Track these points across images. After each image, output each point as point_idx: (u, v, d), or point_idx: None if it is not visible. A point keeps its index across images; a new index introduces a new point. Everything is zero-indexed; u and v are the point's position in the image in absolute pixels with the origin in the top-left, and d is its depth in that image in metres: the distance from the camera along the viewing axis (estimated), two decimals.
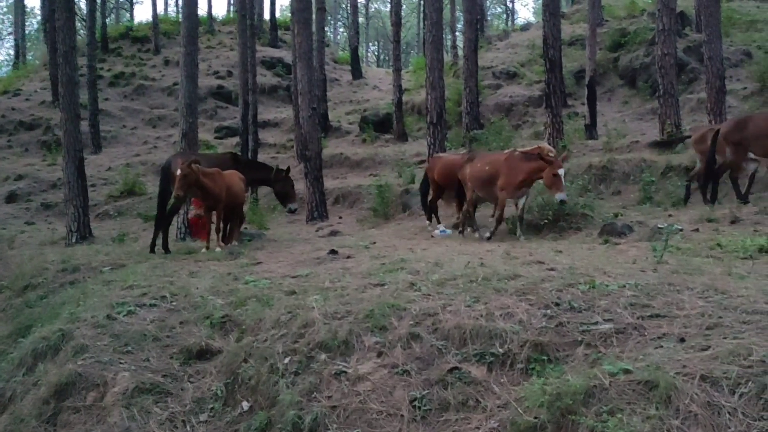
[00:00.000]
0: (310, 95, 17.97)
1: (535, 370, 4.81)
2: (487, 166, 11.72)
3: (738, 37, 25.56)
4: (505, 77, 29.63)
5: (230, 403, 5.56)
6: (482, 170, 11.81)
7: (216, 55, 40.20)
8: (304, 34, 18.28)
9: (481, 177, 11.84)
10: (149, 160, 27.00)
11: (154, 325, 6.76)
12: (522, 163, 11.11)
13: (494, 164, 11.59)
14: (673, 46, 17.32)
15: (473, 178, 12.05)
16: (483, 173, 11.77)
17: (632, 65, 25.99)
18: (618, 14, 30.96)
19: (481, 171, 11.83)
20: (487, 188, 11.82)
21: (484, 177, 11.75)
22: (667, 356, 4.30)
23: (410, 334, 5.44)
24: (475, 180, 11.99)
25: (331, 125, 30.04)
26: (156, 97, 35.44)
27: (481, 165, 11.89)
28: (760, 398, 3.66)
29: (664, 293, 5.58)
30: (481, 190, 12.05)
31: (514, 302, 5.69)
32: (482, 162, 11.96)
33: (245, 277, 8.30)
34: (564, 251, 8.79)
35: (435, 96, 19.21)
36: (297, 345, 5.69)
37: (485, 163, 11.86)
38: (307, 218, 17.66)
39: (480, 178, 11.86)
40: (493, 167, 11.55)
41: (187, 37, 15.59)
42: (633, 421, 3.73)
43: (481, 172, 11.84)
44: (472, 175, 12.06)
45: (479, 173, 11.88)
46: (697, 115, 20.22)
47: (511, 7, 71.28)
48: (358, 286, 6.88)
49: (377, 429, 4.66)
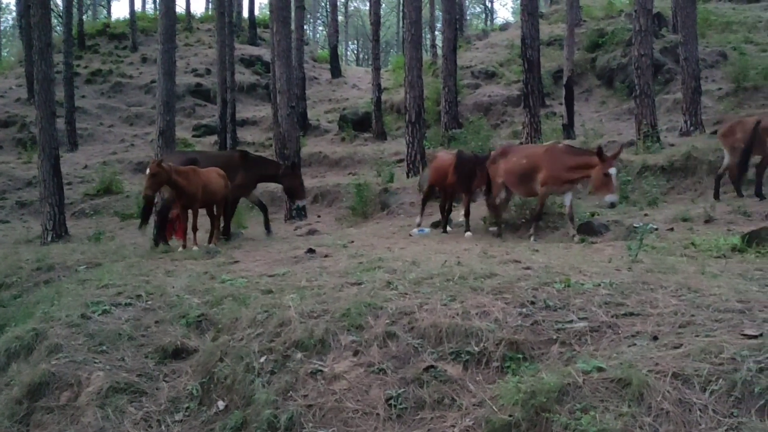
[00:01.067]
0: (288, 93, 17.92)
1: (511, 368, 4.83)
2: (524, 160, 11.07)
3: (713, 39, 25.84)
4: (484, 77, 29.73)
5: (206, 403, 5.54)
6: (518, 164, 11.14)
7: (194, 52, 39.92)
8: (283, 32, 18.22)
9: (517, 171, 11.14)
10: (126, 158, 26.76)
11: (130, 325, 6.71)
12: (566, 155, 10.60)
13: (533, 157, 10.99)
14: (649, 46, 17.47)
15: (508, 173, 11.34)
16: (519, 167, 11.09)
17: (609, 65, 26.19)
18: (596, 15, 31.16)
19: (518, 165, 11.15)
20: (524, 184, 11.17)
21: (520, 171, 11.08)
22: (640, 354, 4.34)
23: (386, 332, 5.45)
24: (510, 175, 11.28)
25: (310, 124, 29.97)
26: (133, 94, 35.12)
27: (518, 159, 11.22)
28: (730, 395, 3.71)
29: (639, 292, 5.63)
30: (517, 186, 11.38)
31: (490, 301, 5.71)
32: (518, 156, 11.32)
33: (222, 275, 8.26)
34: (540, 250, 8.85)
35: (414, 95, 19.24)
36: (273, 344, 5.68)
37: (522, 156, 11.23)
38: (286, 217, 17.62)
39: (516, 172, 11.17)
40: (532, 161, 10.94)
41: (164, 35, 15.46)
42: (606, 419, 3.76)
43: (517, 167, 11.14)
44: (507, 170, 11.35)
45: (515, 167, 11.18)
46: (673, 115, 20.43)
47: (490, 7, 71.67)
48: (335, 285, 6.87)
49: (353, 428, 4.66)
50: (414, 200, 16.51)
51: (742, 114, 16.80)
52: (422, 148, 19.26)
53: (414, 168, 18.96)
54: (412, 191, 16.91)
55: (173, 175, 10.80)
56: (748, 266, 6.91)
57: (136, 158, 26.51)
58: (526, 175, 11.01)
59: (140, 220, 12.73)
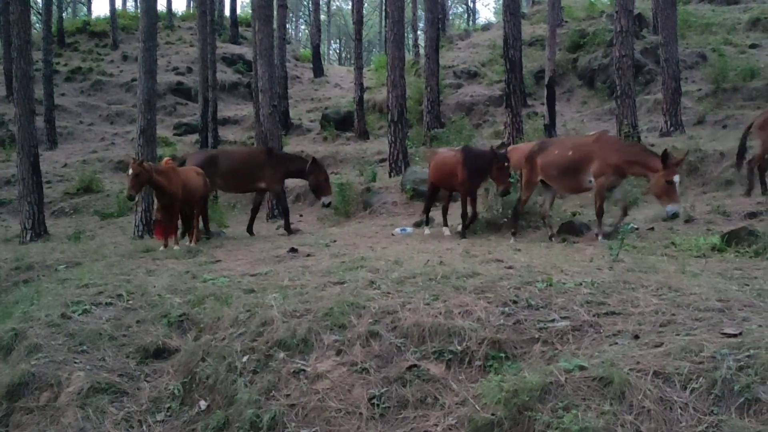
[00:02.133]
0: (270, 92, 17.87)
1: (493, 367, 4.84)
2: (570, 152, 10.28)
3: (693, 40, 26.07)
4: (466, 77, 29.79)
5: (188, 403, 5.51)
6: (563, 157, 10.32)
7: (176, 50, 39.70)
8: (265, 31, 18.17)
9: (562, 165, 10.32)
10: (106, 157, 26.56)
11: (110, 324, 6.67)
12: (621, 145, 10.06)
13: (581, 148, 10.24)
14: (630, 47, 17.58)
15: (550, 168, 10.50)
16: (565, 160, 10.27)
17: (591, 66, 26.34)
18: (577, 15, 31.33)
19: (563, 158, 10.32)
20: (570, 177, 10.32)
21: (566, 164, 10.26)
22: (621, 353, 4.37)
23: (369, 332, 5.45)
24: (554, 169, 10.44)
25: (292, 123, 29.89)
26: (114, 92, 34.85)
27: (561, 151, 10.42)
28: (710, 393, 3.74)
29: (620, 291, 5.67)
30: (560, 181, 10.54)
31: (472, 300, 5.72)
32: (561, 148, 10.54)
33: (203, 275, 8.22)
34: (522, 249, 8.89)
35: (396, 94, 19.24)
36: (255, 343, 5.66)
37: (567, 148, 10.45)
38: (268, 216, 17.56)
39: (561, 166, 10.34)
40: (581, 151, 10.17)
41: (145, 33, 15.36)
42: (588, 417, 3.78)
43: (562, 160, 10.31)
44: (550, 164, 10.48)
45: (559, 161, 10.35)
46: (653, 115, 20.57)
47: (472, 7, 71.76)
48: (317, 285, 6.86)
49: (336, 427, 4.65)
50: (397, 200, 16.51)
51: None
52: (404, 148, 19.26)
53: (396, 167, 18.95)
54: (395, 191, 16.91)
55: (154, 175, 10.74)
56: (727, 265, 6.99)
57: (117, 157, 26.31)
58: (573, 168, 10.20)
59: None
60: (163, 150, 24.45)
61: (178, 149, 26.43)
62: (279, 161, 13.57)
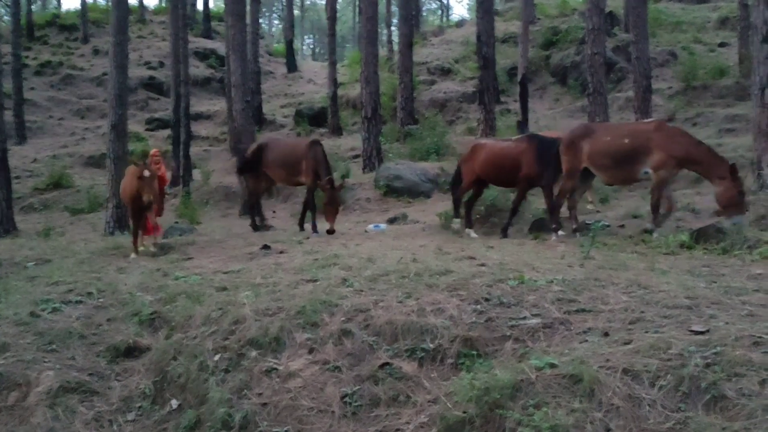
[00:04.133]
0: (243, 88, 17.75)
1: (465, 364, 4.87)
2: (626, 139, 9.50)
3: (664, 38, 26.38)
4: (440, 73, 29.87)
5: (159, 402, 5.48)
6: (617, 145, 9.55)
7: (147, 45, 39.27)
8: (238, 26, 18.04)
9: (614, 153, 9.55)
10: (77, 152, 26.25)
11: (80, 323, 6.59)
12: (687, 139, 9.35)
13: (639, 136, 9.48)
14: (602, 45, 17.72)
15: (602, 155, 9.69)
16: (618, 148, 9.51)
17: (563, 63, 26.55)
18: (550, 13, 31.53)
19: (616, 146, 9.56)
20: (623, 168, 9.59)
21: (620, 153, 9.49)
22: (591, 350, 4.41)
23: (342, 330, 5.45)
24: (604, 157, 9.68)
25: (266, 118, 29.76)
26: (84, 87, 34.41)
27: (614, 138, 9.62)
28: (677, 390, 3.79)
29: (590, 288, 5.72)
30: (611, 171, 9.80)
31: (445, 298, 5.74)
32: (614, 134, 9.74)
33: (175, 273, 8.17)
34: (495, 247, 8.93)
35: (370, 90, 19.25)
36: (227, 342, 5.64)
37: (621, 135, 9.65)
38: (241, 212, 17.47)
39: (612, 154, 9.57)
40: (639, 140, 9.42)
41: (116, 26, 15.20)
42: (558, 415, 3.82)
43: (616, 147, 9.54)
44: (601, 152, 9.69)
45: (611, 149, 9.58)
46: (625, 113, 20.79)
47: (446, 4, 71.91)
48: (290, 282, 6.84)
49: (308, 425, 4.65)
50: (370, 196, 16.53)
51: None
52: (378, 144, 19.28)
53: (370, 164, 18.95)
54: (369, 187, 16.92)
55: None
56: (696, 263, 7.08)
57: (87, 152, 26.03)
58: (629, 158, 9.45)
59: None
60: (135, 145, 24.23)
61: (149, 144, 26.19)
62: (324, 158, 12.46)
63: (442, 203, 14.85)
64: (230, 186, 19.59)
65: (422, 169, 17.92)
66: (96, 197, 19.34)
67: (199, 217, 16.11)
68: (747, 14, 19.39)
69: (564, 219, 10.52)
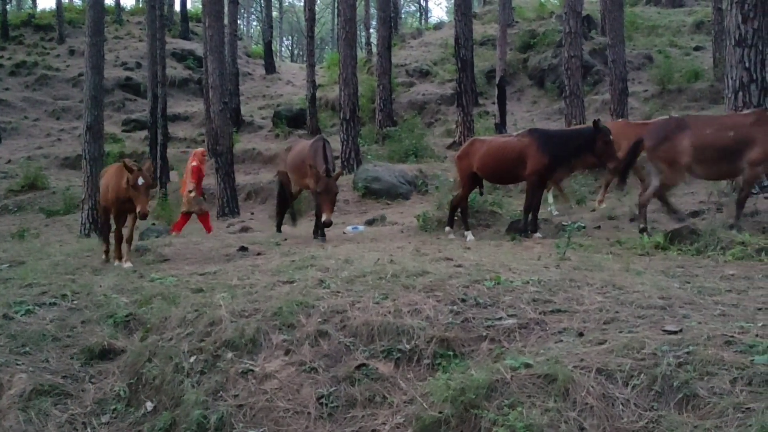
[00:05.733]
0: (221, 89, 17.70)
1: (441, 365, 4.87)
2: (731, 132, 8.85)
3: (640, 42, 26.64)
4: (418, 75, 29.96)
5: (133, 404, 5.43)
6: (721, 138, 8.90)
7: (124, 45, 39.01)
8: (216, 27, 17.99)
9: (718, 146, 8.89)
10: (52, 153, 26.01)
11: (54, 325, 6.52)
12: None
13: (741, 129, 8.87)
14: (579, 48, 17.88)
15: (707, 149, 8.98)
16: (722, 141, 8.86)
17: (541, 66, 26.73)
18: (528, 16, 31.74)
19: (720, 139, 8.91)
20: (726, 163, 8.96)
21: (726, 147, 8.86)
22: (566, 350, 4.44)
23: (318, 331, 5.43)
24: (711, 151, 8.97)
25: (244, 120, 29.69)
26: (60, 87, 34.12)
27: (717, 131, 8.98)
28: (651, 389, 3.82)
29: (566, 289, 5.75)
30: (713, 166, 9.12)
31: (422, 299, 5.74)
32: (715, 127, 9.08)
33: (151, 274, 8.11)
34: (472, 248, 8.96)
35: (348, 92, 19.27)
36: (203, 344, 5.60)
37: (723, 128, 9.01)
38: (218, 214, 17.41)
39: (719, 148, 8.90)
40: (741, 133, 8.82)
41: (92, 27, 15.08)
42: (532, 414, 3.83)
43: (720, 141, 8.89)
44: (700, 146, 9.00)
45: (715, 142, 8.91)
46: (601, 115, 20.87)
47: (424, 6, 72.04)
48: (266, 284, 6.81)
49: (284, 427, 4.63)
50: (348, 198, 16.53)
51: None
52: (357, 146, 19.29)
53: (348, 165, 18.96)
54: (347, 189, 16.92)
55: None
56: (670, 263, 7.14)
57: (63, 153, 25.81)
58: (734, 152, 8.86)
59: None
60: (111, 146, 24.03)
61: (126, 146, 26.02)
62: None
63: (420, 205, 14.90)
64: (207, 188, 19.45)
65: (401, 171, 17.97)
66: (71, 199, 19.18)
67: (177, 219, 15.99)
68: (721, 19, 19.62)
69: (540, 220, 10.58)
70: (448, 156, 20.46)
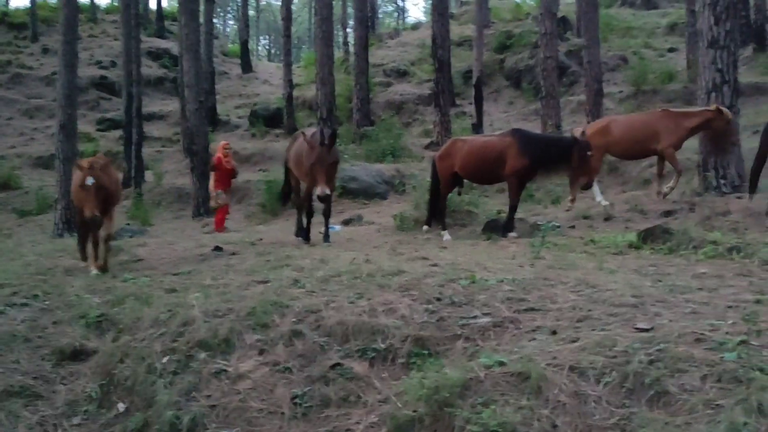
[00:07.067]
0: (197, 88, 17.59)
1: (416, 364, 4.86)
2: None
3: (615, 43, 26.87)
4: (396, 75, 29.99)
5: (105, 405, 5.35)
6: None
7: (99, 44, 38.63)
8: (192, 26, 17.87)
9: None
10: (25, 153, 25.72)
11: (25, 326, 6.42)
12: None
13: None
14: (555, 49, 18.01)
15: None
16: None
17: (517, 67, 26.87)
18: (504, 17, 31.89)
19: None
20: None
21: None
22: (539, 348, 4.45)
23: (292, 331, 5.40)
24: None
25: (220, 119, 29.51)
26: (34, 86, 33.71)
27: None
28: (622, 387, 3.84)
29: (540, 287, 5.77)
30: None
31: (397, 298, 5.74)
32: None
33: (124, 274, 8.03)
34: (448, 247, 8.98)
35: (325, 92, 19.25)
36: (176, 344, 5.54)
37: None
38: (193, 214, 17.28)
39: None
40: None
41: (66, 25, 14.93)
42: (506, 412, 3.84)
43: None
44: None
45: None
46: (576, 116, 21.10)
47: (402, 6, 72.18)
48: (241, 284, 6.78)
49: (257, 427, 4.61)
50: None
51: None
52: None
53: None
54: None
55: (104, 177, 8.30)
56: (643, 262, 7.20)
57: (36, 153, 25.52)
58: None
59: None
60: (85, 146, 23.80)
61: (101, 145, 25.77)
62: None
63: (397, 205, 14.90)
64: (183, 187, 19.36)
65: (378, 171, 17.96)
66: (45, 199, 18.95)
67: (151, 219, 15.88)
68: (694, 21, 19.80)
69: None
70: (426, 156, 20.51)
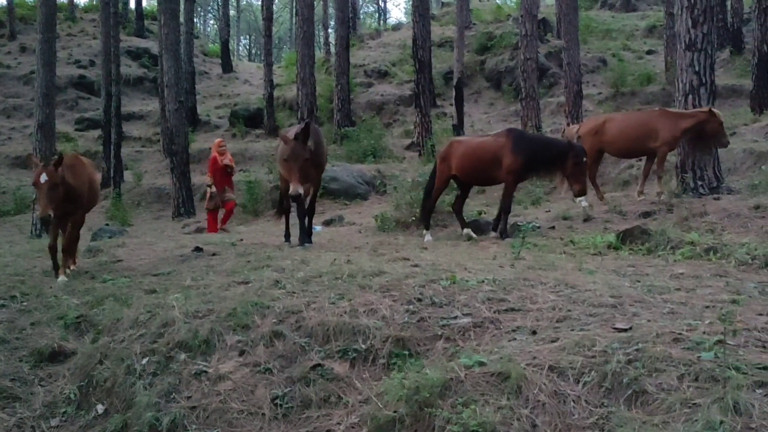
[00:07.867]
0: (177, 88, 17.50)
1: (397, 364, 4.87)
2: None
3: (594, 45, 27.07)
4: (377, 76, 30.01)
5: (84, 407, 5.32)
6: None
7: (78, 43, 38.28)
8: (172, 25, 17.78)
9: None
10: (3, 153, 25.48)
11: (3, 327, 6.38)
12: None
13: None
14: (535, 51, 18.11)
15: None
16: None
17: (498, 68, 26.98)
18: (485, 18, 32.01)
19: None
20: None
21: None
22: (519, 348, 4.48)
23: (273, 332, 5.39)
24: None
25: (200, 119, 29.38)
26: (11, 85, 33.37)
27: None
28: (601, 386, 3.87)
29: (520, 288, 5.80)
30: None
31: (378, 298, 5.74)
32: None
33: (103, 275, 7.98)
34: (429, 248, 9.00)
35: (306, 92, 19.25)
36: (156, 345, 5.52)
37: None
38: (173, 214, 17.20)
39: None
40: None
41: (44, 24, 14.81)
42: (486, 412, 3.85)
43: None
44: None
45: None
46: (556, 117, 21.24)
47: (383, 7, 72.11)
48: (221, 284, 6.75)
49: (238, 428, 4.59)
50: None
51: None
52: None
53: None
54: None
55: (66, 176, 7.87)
56: (621, 263, 7.26)
57: (14, 152, 25.27)
58: None
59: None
60: (64, 145, 23.61)
61: (79, 145, 25.57)
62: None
63: (378, 205, 14.92)
64: (163, 187, 19.25)
65: (359, 171, 17.97)
66: (22, 199, 18.79)
67: (131, 219, 15.78)
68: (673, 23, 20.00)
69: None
70: (407, 156, 20.54)
